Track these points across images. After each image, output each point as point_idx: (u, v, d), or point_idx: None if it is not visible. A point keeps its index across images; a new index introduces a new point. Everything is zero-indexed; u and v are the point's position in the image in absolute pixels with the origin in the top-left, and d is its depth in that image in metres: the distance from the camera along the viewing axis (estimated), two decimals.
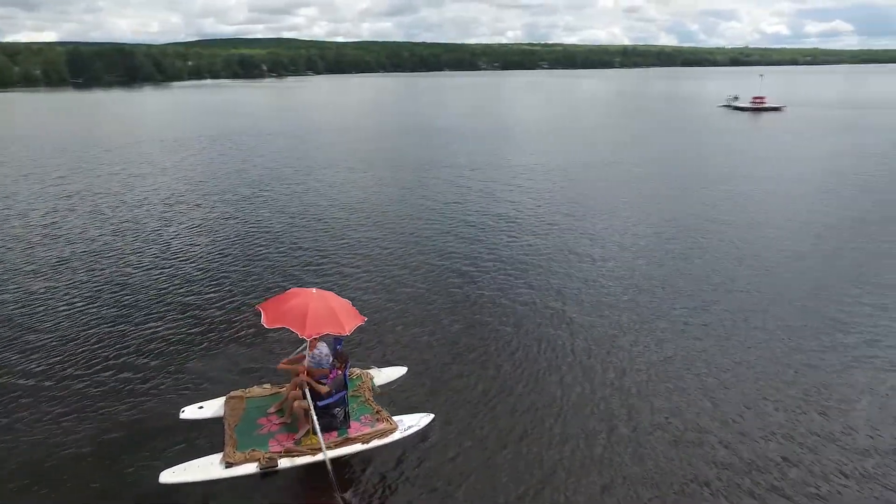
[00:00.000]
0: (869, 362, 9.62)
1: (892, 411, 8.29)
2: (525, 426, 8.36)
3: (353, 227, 18.04)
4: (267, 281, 13.91)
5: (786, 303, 12.10)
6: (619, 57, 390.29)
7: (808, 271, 14.16)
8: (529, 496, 7.07)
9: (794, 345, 10.24)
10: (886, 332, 10.70)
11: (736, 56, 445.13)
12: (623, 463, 7.45)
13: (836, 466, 7.16)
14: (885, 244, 16.07)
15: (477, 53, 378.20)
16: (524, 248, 15.96)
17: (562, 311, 11.87)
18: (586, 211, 19.97)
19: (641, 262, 14.86)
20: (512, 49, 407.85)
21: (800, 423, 8.04)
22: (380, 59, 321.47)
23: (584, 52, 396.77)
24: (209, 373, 9.79)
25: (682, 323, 11.30)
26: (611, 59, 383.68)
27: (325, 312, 7.52)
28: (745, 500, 6.67)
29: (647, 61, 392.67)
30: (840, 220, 18.73)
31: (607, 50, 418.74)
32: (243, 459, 7.24)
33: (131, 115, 68.23)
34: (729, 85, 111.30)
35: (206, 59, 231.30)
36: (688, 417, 8.27)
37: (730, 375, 9.25)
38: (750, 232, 17.40)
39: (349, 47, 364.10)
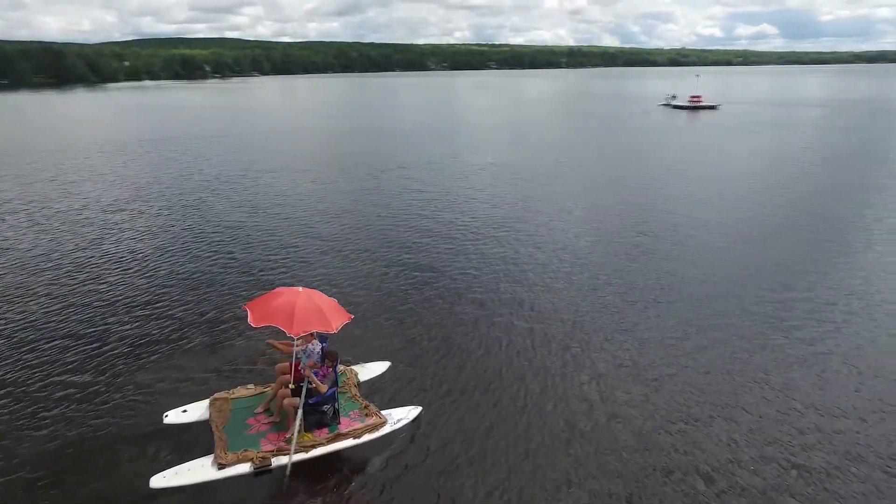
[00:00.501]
0: (803, 346, 10.29)
1: (828, 390, 8.94)
2: (510, 413, 8.56)
3: (314, 228, 18.08)
4: (238, 283, 13.73)
5: (727, 291, 12.80)
6: (565, 57, 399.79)
7: (747, 260, 15.01)
8: (520, 480, 7.25)
9: (737, 331, 10.88)
10: (817, 317, 11.47)
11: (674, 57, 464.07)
12: (601, 444, 7.81)
13: (781, 446, 7.66)
14: (816, 232, 17.29)
15: (426, 54, 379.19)
16: (484, 244, 16.43)
17: (525, 299, 12.34)
18: (540, 207, 20.56)
19: (596, 255, 15.54)
20: (461, 49, 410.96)
21: (745, 405, 8.57)
22: (328, 59, 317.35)
23: (532, 52, 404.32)
24: (190, 375, 9.62)
25: (643, 309, 11.96)
26: (557, 59, 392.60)
27: (312, 310, 7.49)
28: (701, 482, 7.07)
29: (591, 61, 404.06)
30: (774, 209, 20.08)
31: (553, 51, 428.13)
32: (236, 460, 7.20)
33: (67, 118, 64.98)
34: (668, 84, 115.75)
35: (145, 59, 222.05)
36: (657, 403, 8.71)
37: (681, 363, 9.75)
38: (694, 224, 18.32)
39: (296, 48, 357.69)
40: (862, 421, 8.18)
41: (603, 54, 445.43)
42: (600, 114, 65.94)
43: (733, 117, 57.30)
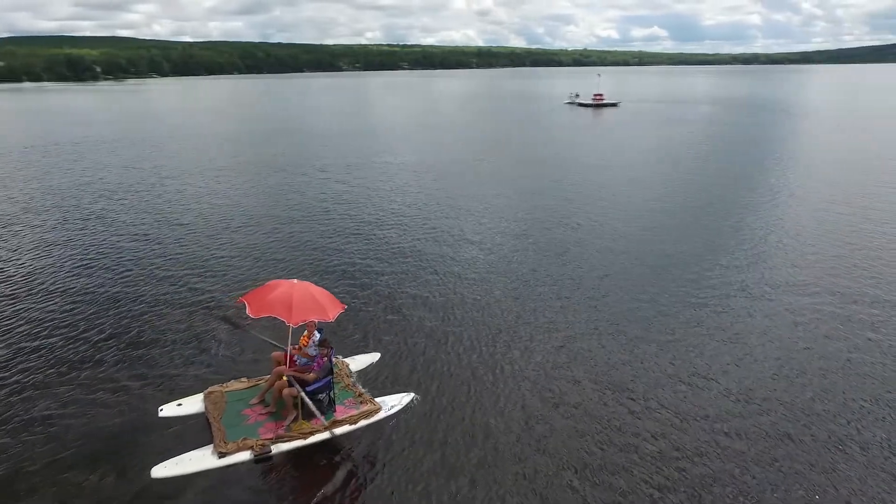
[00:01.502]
0: (715, 328, 11.04)
1: (744, 367, 9.65)
2: (497, 396, 8.88)
3: (235, 232, 17.88)
4: (214, 281, 13.75)
5: (639, 276, 13.75)
6: (476, 58, 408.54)
7: (656, 245, 16.24)
8: (507, 457, 7.54)
9: (652, 314, 11.66)
10: (723, 299, 12.37)
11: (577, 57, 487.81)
12: (572, 422, 8.30)
13: (700, 424, 8.18)
14: (715, 217, 19.04)
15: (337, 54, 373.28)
16: (409, 241, 17.06)
17: (458, 288, 13.11)
18: (458, 205, 21.20)
19: (519, 248, 16.50)
20: (372, 50, 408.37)
21: (666, 384, 9.18)
22: (233, 60, 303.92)
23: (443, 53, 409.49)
24: (183, 370, 9.69)
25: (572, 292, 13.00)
26: (468, 59, 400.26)
27: (308, 300, 7.75)
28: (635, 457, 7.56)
29: (500, 62, 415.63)
30: (675, 197, 22.17)
31: (464, 51, 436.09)
32: (236, 448, 7.33)
33: None
34: (572, 84, 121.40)
35: (23, 59, 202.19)
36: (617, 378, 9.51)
37: (613, 353, 10.31)
38: (611, 214, 19.65)
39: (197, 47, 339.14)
40: (773, 400, 8.75)
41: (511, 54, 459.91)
42: (512, 112, 68.44)
43: (633, 114, 61.77)
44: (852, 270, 13.87)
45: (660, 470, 7.26)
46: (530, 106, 77.56)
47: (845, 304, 11.90)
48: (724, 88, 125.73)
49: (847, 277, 13.42)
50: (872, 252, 15.23)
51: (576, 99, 75.11)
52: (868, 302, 12.02)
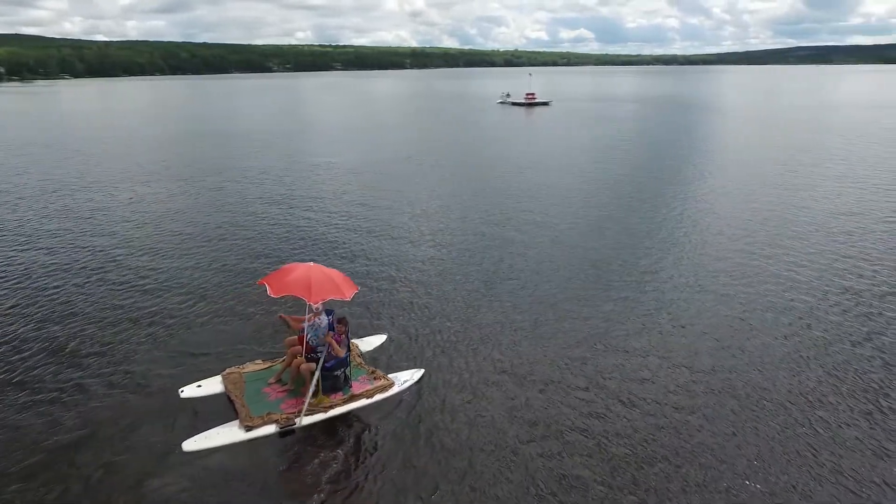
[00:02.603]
0: (644, 319, 11.41)
1: (672, 355, 9.96)
2: (505, 373, 9.26)
3: (164, 239, 17.31)
4: (226, 269, 14.09)
5: (574, 273, 13.96)
6: (409, 58, 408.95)
7: (589, 241, 16.72)
8: (522, 432, 7.83)
9: (585, 310, 11.80)
10: (649, 291, 12.78)
11: (509, 57, 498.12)
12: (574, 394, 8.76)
13: (633, 407, 8.51)
14: (644, 212, 19.89)
15: (267, 55, 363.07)
16: (368, 240, 17.44)
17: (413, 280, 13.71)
18: (405, 203, 21.41)
19: (459, 243, 17.35)
20: (303, 50, 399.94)
21: (602, 376, 9.51)
22: (154, 60, 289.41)
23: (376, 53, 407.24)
24: (200, 353, 9.97)
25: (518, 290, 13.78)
26: (401, 60, 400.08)
27: (326, 281, 8.15)
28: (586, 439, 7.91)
29: (434, 62, 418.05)
30: (608, 193, 23.24)
31: (397, 52, 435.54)
32: (262, 422, 7.74)
33: None
34: (504, 83, 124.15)
35: None
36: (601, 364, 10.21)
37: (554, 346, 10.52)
38: (542, 212, 20.11)
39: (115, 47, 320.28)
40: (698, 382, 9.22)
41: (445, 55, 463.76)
42: (448, 112, 69.07)
43: (564, 112, 64.30)
44: (774, 256, 14.69)
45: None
46: (465, 105, 78.61)
47: (781, 291, 12.38)
48: (647, 87, 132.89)
49: (771, 263, 14.17)
50: (790, 237, 16.41)
51: (507, 98, 76.60)
52: (792, 287, 12.74)
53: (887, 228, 17.10)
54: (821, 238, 16.21)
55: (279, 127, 51.42)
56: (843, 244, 15.63)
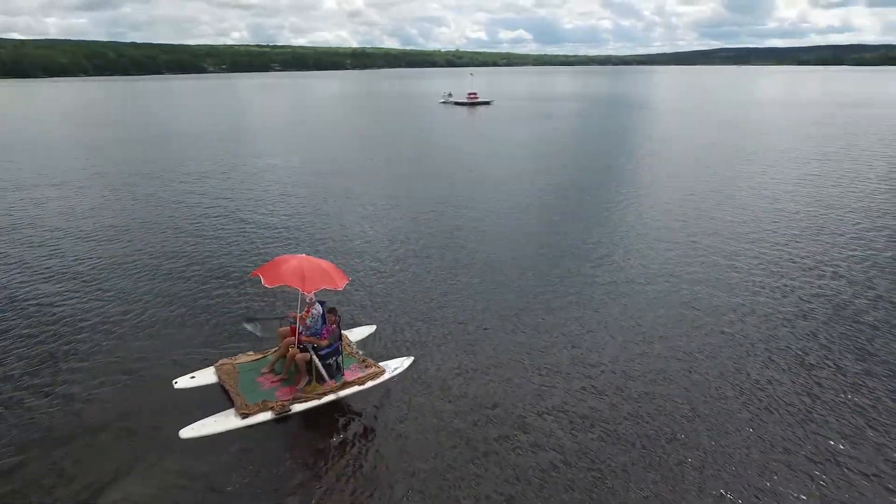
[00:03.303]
0: (575, 312, 11.56)
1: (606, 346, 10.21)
2: (489, 361, 9.65)
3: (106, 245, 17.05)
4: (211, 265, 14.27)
5: (517, 267, 14.13)
6: (350, 59, 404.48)
7: (532, 234, 17.48)
8: (504, 414, 8.26)
9: (523, 303, 12.00)
10: (588, 287, 12.86)
11: (450, 58, 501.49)
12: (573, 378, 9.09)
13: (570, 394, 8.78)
14: (585, 206, 21.00)
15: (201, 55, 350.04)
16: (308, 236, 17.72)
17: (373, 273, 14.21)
18: (352, 203, 21.58)
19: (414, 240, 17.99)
20: (240, 51, 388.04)
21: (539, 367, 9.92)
22: (78, 60, 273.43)
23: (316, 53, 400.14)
24: (191, 346, 10.20)
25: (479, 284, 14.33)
26: (342, 60, 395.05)
27: (318, 271, 8.37)
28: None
29: (376, 63, 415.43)
30: (551, 187, 24.37)
31: (337, 52, 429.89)
32: (257, 409, 7.92)
33: None
34: (447, 83, 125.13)
35: None
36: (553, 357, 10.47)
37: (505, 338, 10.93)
38: (493, 206, 20.76)
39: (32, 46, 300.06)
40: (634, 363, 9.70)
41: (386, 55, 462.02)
42: (391, 112, 69.18)
43: (506, 111, 66.02)
44: (707, 251, 15.15)
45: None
46: (408, 105, 78.96)
47: (713, 290, 12.63)
48: (585, 87, 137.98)
49: (704, 259, 14.58)
50: (727, 225, 17.49)
51: (450, 98, 77.28)
52: (734, 272, 13.35)
53: (815, 214, 18.59)
54: (755, 226, 17.34)
55: (219, 129, 50.13)
56: (777, 231, 16.85)
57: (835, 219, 18.02)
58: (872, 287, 12.62)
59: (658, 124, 51.83)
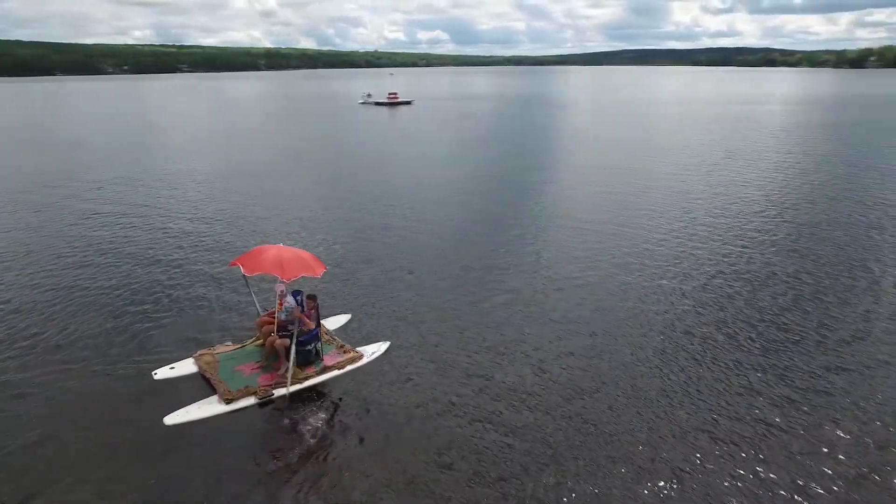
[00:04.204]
0: (504, 303, 11.94)
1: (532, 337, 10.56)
2: (461, 343, 10.16)
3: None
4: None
5: (449, 262, 14.48)
6: (264, 59, 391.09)
7: (457, 231, 17.85)
8: (475, 388, 8.73)
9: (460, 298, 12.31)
10: (510, 281, 13.28)
11: (369, 58, 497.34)
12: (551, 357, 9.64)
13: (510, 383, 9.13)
14: (506, 203, 21.75)
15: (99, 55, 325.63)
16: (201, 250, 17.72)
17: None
18: (276, 205, 21.44)
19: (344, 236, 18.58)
20: (143, 51, 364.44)
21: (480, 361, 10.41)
22: None
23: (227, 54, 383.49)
24: (169, 338, 10.30)
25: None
26: (255, 61, 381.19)
27: (296, 260, 8.60)
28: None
29: (291, 63, 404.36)
30: (474, 185, 25.42)
31: (250, 52, 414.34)
32: (241, 395, 8.13)
33: None
34: (366, 84, 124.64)
35: None
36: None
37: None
38: (422, 206, 21.05)
39: None
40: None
41: (302, 56, 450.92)
42: (310, 113, 67.77)
43: (427, 111, 67.18)
44: (627, 241, 16.02)
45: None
46: (327, 106, 77.73)
47: (647, 272, 13.48)
48: (503, 86, 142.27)
49: (625, 250, 15.29)
50: (641, 220, 18.08)
51: (369, 99, 76.87)
52: (642, 273, 13.67)
53: (718, 203, 20.56)
54: (665, 217, 18.65)
55: (117, 135, 47.60)
56: (685, 220, 18.38)
57: (734, 207, 19.95)
58: (770, 266, 14.05)
59: (574, 121, 55.11)
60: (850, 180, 24.17)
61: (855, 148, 33.73)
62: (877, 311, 11.49)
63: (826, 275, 13.38)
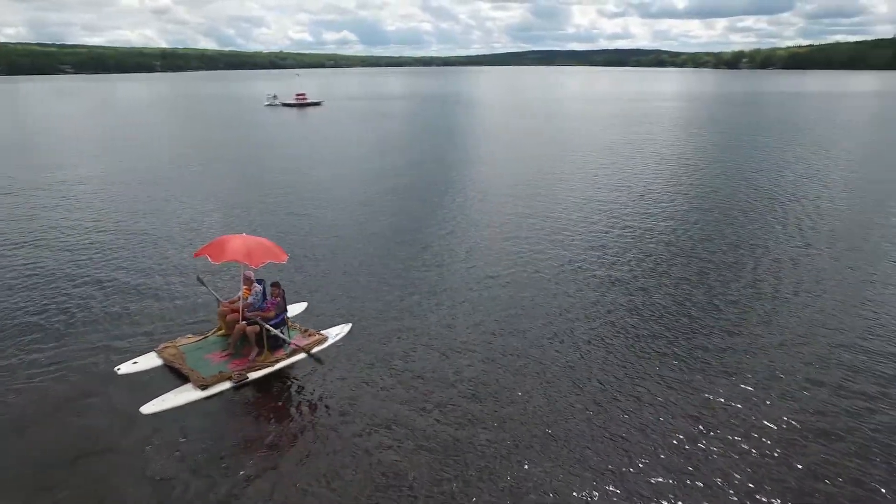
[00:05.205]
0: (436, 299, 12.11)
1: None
2: (415, 323, 10.80)
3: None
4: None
5: (359, 261, 14.64)
6: (160, 60, 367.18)
7: (379, 227, 17.92)
8: (436, 368, 9.21)
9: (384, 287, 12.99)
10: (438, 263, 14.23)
11: (274, 59, 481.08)
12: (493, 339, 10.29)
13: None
14: (428, 197, 22.35)
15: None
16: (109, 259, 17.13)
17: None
18: (183, 209, 20.65)
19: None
20: (19, 50, 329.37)
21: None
22: None
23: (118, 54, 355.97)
24: (127, 333, 10.27)
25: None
26: (150, 62, 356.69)
27: (261, 247, 8.89)
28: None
29: (190, 64, 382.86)
30: (392, 181, 25.96)
31: (143, 52, 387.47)
32: (216, 380, 8.28)
33: None
34: (272, 85, 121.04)
35: None
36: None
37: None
38: (341, 204, 21.17)
39: None
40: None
41: (202, 57, 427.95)
42: (213, 115, 64.82)
43: (337, 111, 66.80)
44: (536, 232, 16.92)
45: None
46: (231, 108, 74.72)
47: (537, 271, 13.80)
48: (413, 86, 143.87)
49: (533, 240, 16.13)
50: (552, 213, 19.06)
51: (275, 100, 74.61)
52: (555, 265, 14.27)
53: (620, 192, 22.35)
54: (572, 208, 19.88)
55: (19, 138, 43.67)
56: (592, 209, 19.82)
57: (636, 195, 21.82)
58: (672, 247, 15.69)
59: (487, 118, 57.36)
60: (735, 169, 27.26)
61: (737, 139, 38.09)
62: (765, 290, 12.57)
63: (720, 258, 14.64)
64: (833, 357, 9.67)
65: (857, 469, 7.04)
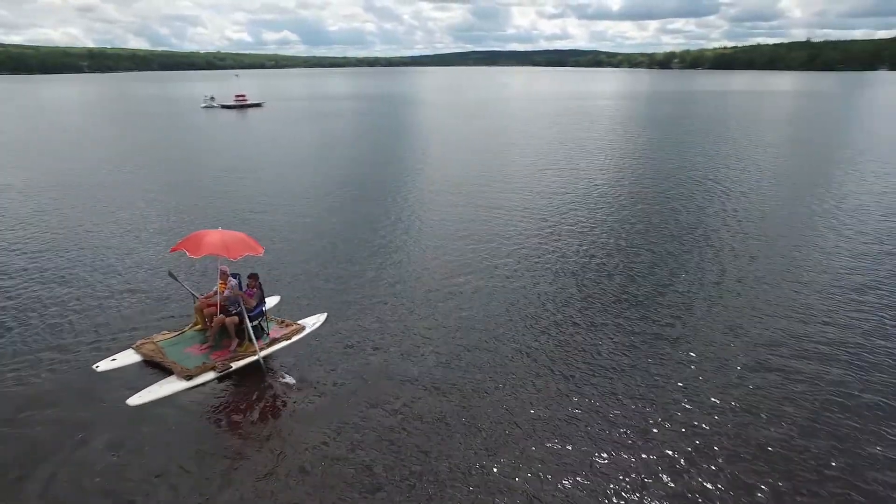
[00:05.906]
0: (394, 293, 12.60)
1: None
2: (386, 311, 11.36)
3: None
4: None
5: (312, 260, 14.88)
6: (87, 60, 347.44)
7: (335, 222, 18.32)
8: (410, 351, 9.73)
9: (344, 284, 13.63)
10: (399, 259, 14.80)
11: (211, 59, 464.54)
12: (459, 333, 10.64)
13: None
14: (376, 196, 22.61)
15: None
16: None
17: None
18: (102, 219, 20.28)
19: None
20: None
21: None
22: None
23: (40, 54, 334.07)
24: (103, 329, 10.31)
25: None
26: (76, 62, 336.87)
27: (238, 240, 9.00)
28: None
29: (121, 65, 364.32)
30: (339, 181, 26.07)
31: (68, 52, 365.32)
32: (200, 371, 8.43)
33: None
34: (209, 86, 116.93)
35: None
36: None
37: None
38: (288, 204, 21.11)
39: None
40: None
41: (133, 57, 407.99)
42: (148, 119, 61.12)
43: (279, 112, 65.44)
44: (489, 234, 16.94)
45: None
46: (165, 110, 71.06)
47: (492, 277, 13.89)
48: (357, 87, 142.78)
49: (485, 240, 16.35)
50: (504, 210, 19.65)
51: (212, 102, 72.17)
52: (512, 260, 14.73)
53: (566, 187, 23.33)
54: (523, 204, 20.47)
55: None
56: (540, 204, 20.98)
57: (581, 192, 22.82)
58: (625, 241, 16.78)
59: (431, 119, 57.75)
60: (672, 164, 28.87)
61: (673, 136, 40.23)
62: (708, 278, 13.28)
63: (664, 248, 15.49)
64: (765, 338, 10.35)
65: (804, 443, 7.56)
